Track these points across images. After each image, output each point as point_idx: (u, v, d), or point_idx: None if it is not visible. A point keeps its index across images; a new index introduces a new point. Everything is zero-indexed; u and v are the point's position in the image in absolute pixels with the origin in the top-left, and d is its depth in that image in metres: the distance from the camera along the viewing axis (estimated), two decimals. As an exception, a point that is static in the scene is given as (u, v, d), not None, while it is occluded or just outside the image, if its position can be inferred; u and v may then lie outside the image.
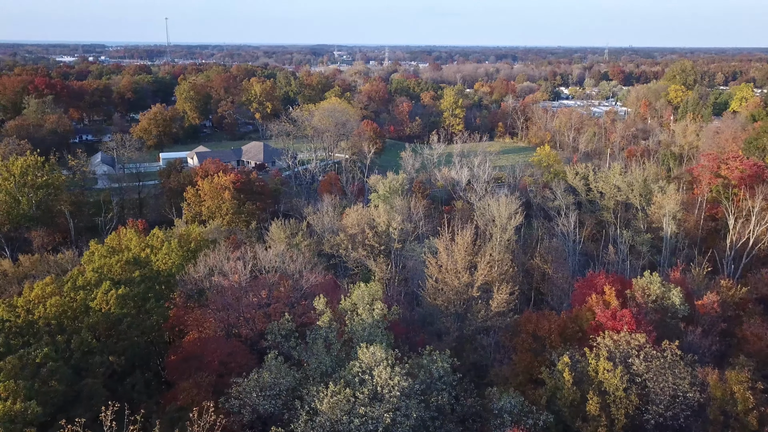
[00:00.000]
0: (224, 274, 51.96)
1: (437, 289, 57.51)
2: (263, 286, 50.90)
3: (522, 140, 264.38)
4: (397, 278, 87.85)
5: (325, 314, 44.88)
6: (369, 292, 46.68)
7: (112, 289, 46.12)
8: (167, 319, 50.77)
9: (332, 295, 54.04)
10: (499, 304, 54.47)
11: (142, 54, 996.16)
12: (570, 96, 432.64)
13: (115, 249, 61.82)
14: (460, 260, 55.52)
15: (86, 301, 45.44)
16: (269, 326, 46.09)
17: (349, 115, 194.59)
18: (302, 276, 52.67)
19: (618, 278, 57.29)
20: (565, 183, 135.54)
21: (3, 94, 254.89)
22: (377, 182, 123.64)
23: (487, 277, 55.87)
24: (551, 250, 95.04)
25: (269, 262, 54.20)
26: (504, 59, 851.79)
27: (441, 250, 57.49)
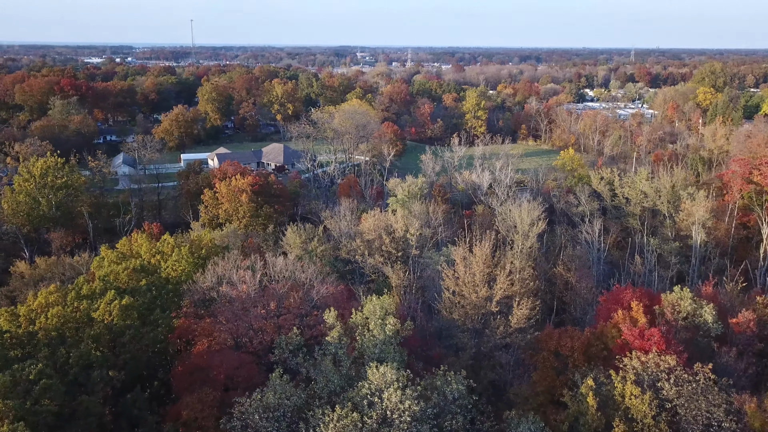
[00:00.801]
0: (232, 283, 50.29)
1: (454, 303, 55.17)
2: (272, 296, 49.11)
3: (545, 143, 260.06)
4: (415, 286, 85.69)
5: (335, 329, 42.89)
6: (381, 305, 44.55)
7: (116, 299, 44.70)
8: (173, 330, 49.28)
9: (345, 306, 52.08)
10: (519, 320, 51.90)
11: (167, 55, 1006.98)
12: (595, 98, 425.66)
13: (125, 255, 60.67)
14: (479, 273, 53.09)
15: (89, 311, 44.08)
16: (277, 340, 44.28)
17: (369, 117, 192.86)
18: (313, 287, 50.75)
19: (645, 292, 54.33)
20: (589, 188, 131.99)
21: (30, 95, 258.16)
22: (396, 186, 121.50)
23: (506, 291, 53.36)
24: (575, 258, 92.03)
25: (279, 271, 52.42)
26: (528, 60, 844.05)
27: (458, 261, 55.15)
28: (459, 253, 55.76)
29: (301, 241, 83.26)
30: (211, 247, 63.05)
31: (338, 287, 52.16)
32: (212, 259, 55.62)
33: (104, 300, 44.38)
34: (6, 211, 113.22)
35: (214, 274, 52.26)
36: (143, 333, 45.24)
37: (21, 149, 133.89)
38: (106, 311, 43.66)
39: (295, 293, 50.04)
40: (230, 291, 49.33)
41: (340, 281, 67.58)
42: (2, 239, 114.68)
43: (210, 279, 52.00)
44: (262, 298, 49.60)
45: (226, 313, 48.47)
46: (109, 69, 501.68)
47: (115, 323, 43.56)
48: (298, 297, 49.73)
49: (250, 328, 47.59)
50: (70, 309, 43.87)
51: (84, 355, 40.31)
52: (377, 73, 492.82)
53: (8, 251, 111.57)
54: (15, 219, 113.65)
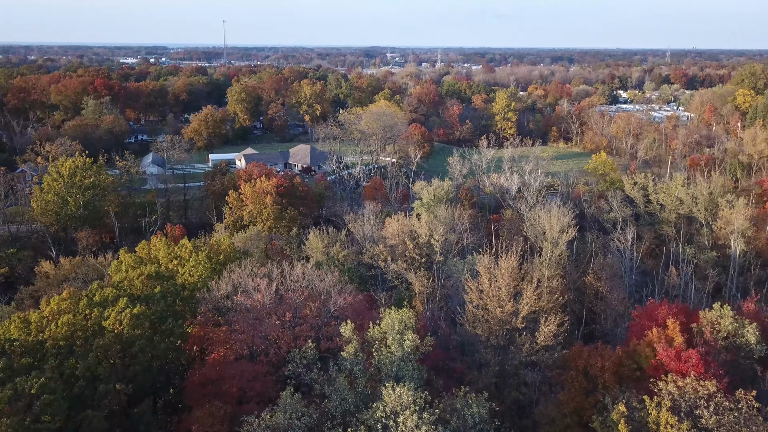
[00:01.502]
0: (248, 292, 48.81)
1: (477, 317, 52.74)
2: (289, 306, 47.51)
3: (577, 146, 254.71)
4: (439, 293, 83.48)
5: (351, 345, 41.03)
6: (400, 319, 42.55)
7: (128, 307, 43.57)
8: (186, 340, 48.02)
9: (365, 316, 50.24)
10: (546, 337, 49.25)
11: (200, 56, 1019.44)
12: (629, 100, 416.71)
13: (143, 259, 59.84)
14: (504, 286, 50.58)
15: (100, 320, 43.04)
16: (290, 354, 42.66)
17: (396, 118, 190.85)
18: (330, 297, 48.96)
19: (682, 308, 51.21)
20: (622, 193, 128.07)
21: (65, 95, 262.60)
22: (422, 189, 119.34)
23: (533, 306, 50.76)
24: (606, 267, 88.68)
25: (296, 280, 50.71)
26: (560, 61, 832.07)
27: (483, 273, 52.76)
28: (484, 265, 53.29)
29: (323, 246, 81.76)
30: (230, 253, 61.84)
31: (357, 297, 50.29)
32: (228, 266, 54.32)
33: (116, 308, 43.32)
34: (35, 210, 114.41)
35: (230, 281, 50.90)
36: (155, 343, 44.01)
37: (51, 149, 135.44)
38: (117, 320, 42.55)
39: (312, 303, 48.37)
40: (245, 300, 47.89)
41: (360, 289, 65.69)
42: (30, 238, 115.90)
43: (225, 287, 50.69)
44: (279, 307, 48.09)
45: (240, 322, 47.08)
46: (142, 69, 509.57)
47: (125, 333, 42.43)
48: (314, 307, 48.06)
49: (265, 338, 46.10)
50: (81, 317, 42.90)
51: (91, 367, 39.20)
52: (406, 73, 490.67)
53: (36, 249, 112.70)
54: (43, 218, 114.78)
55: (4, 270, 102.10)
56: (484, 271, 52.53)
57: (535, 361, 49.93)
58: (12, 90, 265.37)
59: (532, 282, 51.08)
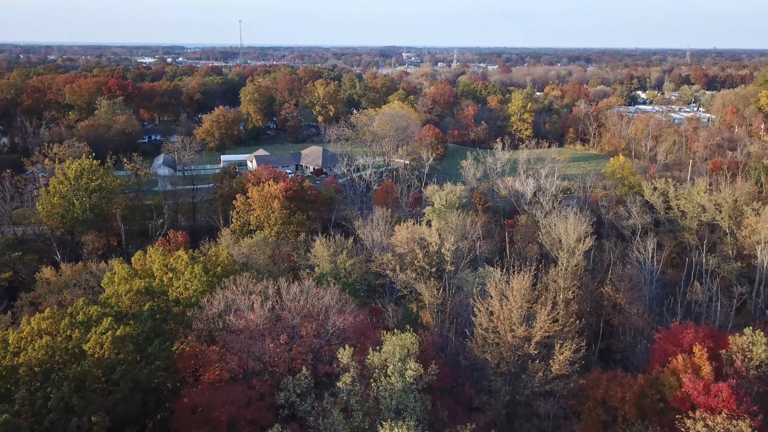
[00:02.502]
0: (241, 311, 45.94)
1: (487, 340, 49.35)
2: (284, 327, 44.57)
3: (594, 147, 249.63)
4: (450, 304, 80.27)
5: (348, 374, 38.02)
6: (402, 345, 39.49)
7: (111, 329, 40.87)
8: (174, 363, 45.14)
9: (366, 337, 47.23)
10: (561, 366, 45.81)
11: (217, 55, 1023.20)
12: (647, 101, 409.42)
13: (137, 271, 57.31)
14: (516, 309, 47.17)
15: (81, 342, 40.43)
16: (284, 381, 39.75)
17: (409, 119, 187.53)
18: (329, 317, 45.87)
19: (709, 332, 47.50)
20: (641, 199, 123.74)
21: (79, 95, 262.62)
22: (433, 193, 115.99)
23: (548, 331, 47.26)
24: (624, 278, 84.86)
25: (293, 298, 47.58)
26: (577, 61, 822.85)
27: (493, 294, 49.39)
28: (494, 285, 49.87)
29: (329, 255, 78.87)
30: (228, 265, 59.03)
31: (358, 317, 47.26)
32: (225, 280, 51.49)
33: (99, 329, 40.66)
34: (41, 213, 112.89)
35: (223, 299, 48.10)
36: (138, 368, 41.23)
37: (59, 150, 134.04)
38: (98, 343, 39.93)
39: (309, 324, 45.41)
40: (238, 321, 45.02)
41: (366, 302, 62.59)
42: (36, 241, 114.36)
43: (217, 306, 47.91)
44: (274, 327, 45.18)
45: (232, 344, 44.29)
46: (158, 69, 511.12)
47: (106, 357, 39.76)
48: (312, 328, 45.12)
49: (259, 360, 43.29)
50: (62, 338, 40.36)
51: (65, 397, 36.50)
52: (421, 73, 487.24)
53: (42, 253, 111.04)
54: (49, 221, 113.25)
55: (7, 275, 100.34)
56: (494, 292, 49.17)
57: (549, 390, 46.41)
58: (27, 90, 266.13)
59: (546, 304, 47.60)
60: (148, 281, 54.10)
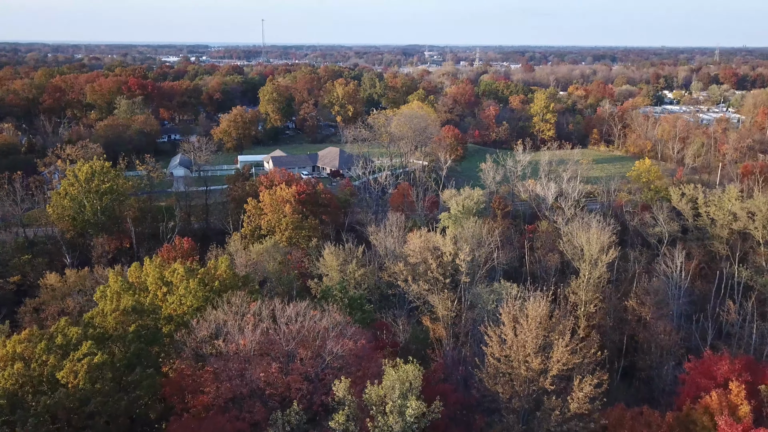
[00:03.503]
0: (231, 335, 42.74)
1: (499, 371, 45.41)
2: (278, 354, 41.31)
3: (619, 149, 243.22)
4: (465, 317, 76.66)
5: (341, 413, 34.68)
6: (403, 380, 36.05)
7: (89, 354, 37.98)
8: (158, 391, 42.08)
9: (368, 364, 43.85)
10: (580, 403, 41.77)
11: (240, 54, 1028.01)
12: (675, 101, 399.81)
13: (132, 284, 54.62)
14: (531, 340, 43.16)
15: (56, 369, 37.60)
16: (272, 416, 36.65)
17: (428, 120, 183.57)
18: (325, 345, 42.26)
19: (746, 363, 43.11)
20: (668, 205, 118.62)
21: (99, 95, 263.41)
22: (450, 198, 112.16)
23: (566, 364, 43.21)
24: (650, 291, 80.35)
25: (288, 321, 44.07)
26: (602, 60, 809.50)
27: (506, 323, 45.43)
28: (507, 312, 45.91)
29: (338, 264, 75.72)
30: (227, 279, 55.88)
31: (359, 342, 43.71)
32: (219, 298, 48.36)
33: (77, 355, 37.76)
34: (51, 215, 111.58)
35: (214, 320, 45.04)
36: (117, 399, 38.34)
37: (72, 151, 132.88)
38: (72, 372, 37.13)
39: (305, 350, 42.10)
40: (228, 345, 41.89)
41: (370, 323, 59.11)
42: (46, 244, 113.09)
43: (207, 328, 44.85)
44: (268, 353, 41.93)
45: (221, 370, 41.23)
46: (181, 68, 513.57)
47: (81, 387, 36.91)
48: (307, 354, 41.84)
49: (251, 388, 40.15)
50: (36, 364, 37.65)
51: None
52: (443, 72, 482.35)
53: (52, 256, 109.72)
54: (60, 223, 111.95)
55: (15, 278, 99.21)
56: (507, 318, 45.29)
57: (566, 430, 42.34)
58: (48, 89, 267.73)
59: (564, 334, 43.51)
60: (138, 297, 51.27)
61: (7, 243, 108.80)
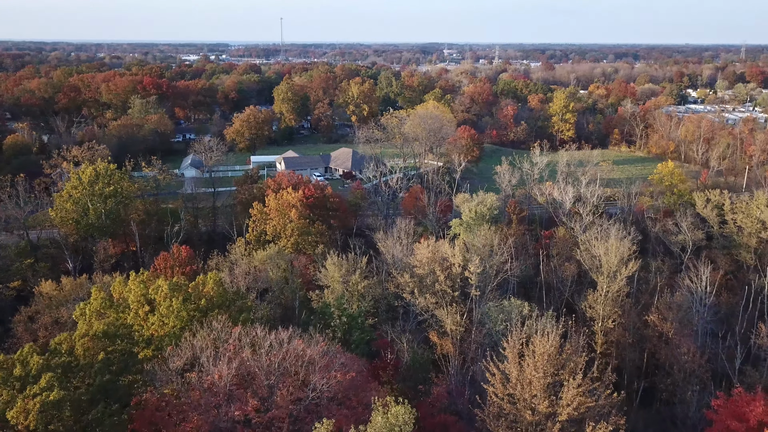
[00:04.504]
0: (204, 368, 39.08)
1: (503, 410, 41.09)
2: (258, 388, 37.55)
3: (640, 150, 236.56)
4: (474, 332, 72.54)
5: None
6: (392, 424, 32.21)
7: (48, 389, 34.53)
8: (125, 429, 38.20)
9: (363, 390, 40.10)
10: (593, 458, 37.09)
11: (259, 53, 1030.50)
12: (699, 100, 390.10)
13: (114, 301, 51.40)
14: (538, 380, 38.79)
15: (6, 408, 34.21)
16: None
17: (443, 121, 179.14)
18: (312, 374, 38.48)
19: (782, 401, 38.70)
20: (692, 211, 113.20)
21: (115, 94, 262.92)
22: (463, 203, 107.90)
23: (578, 408, 38.67)
24: (673, 306, 75.51)
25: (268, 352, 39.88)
26: (624, 58, 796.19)
27: (511, 358, 41.11)
28: (512, 346, 41.47)
29: (340, 275, 72.08)
30: (216, 297, 52.11)
31: (347, 375, 39.61)
32: (195, 324, 44.62)
33: (33, 390, 34.37)
34: (55, 218, 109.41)
35: (189, 349, 41.44)
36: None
37: (78, 153, 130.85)
38: (23, 411, 33.78)
39: (284, 388, 38.21)
40: (203, 378, 38.30)
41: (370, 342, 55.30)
42: (50, 247, 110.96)
43: (181, 357, 41.23)
44: (247, 387, 38.23)
45: (194, 406, 37.67)
46: (199, 67, 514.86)
47: (32, 430, 33.46)
48: (289, 390, 38.01)
49: (225, 426, 36.57)
50: (-14, 401, 34.36)
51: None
52: (461, 71, 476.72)
53: (55, 260, 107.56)
54: (63, 227, 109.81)
55: (16, 283, 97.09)
56: (512, 355, 40.97)
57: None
58: (64, 89, 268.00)
59: (576, 373, 38.91)
60: (120, 316, 47.87)
61: (10, 247, 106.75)
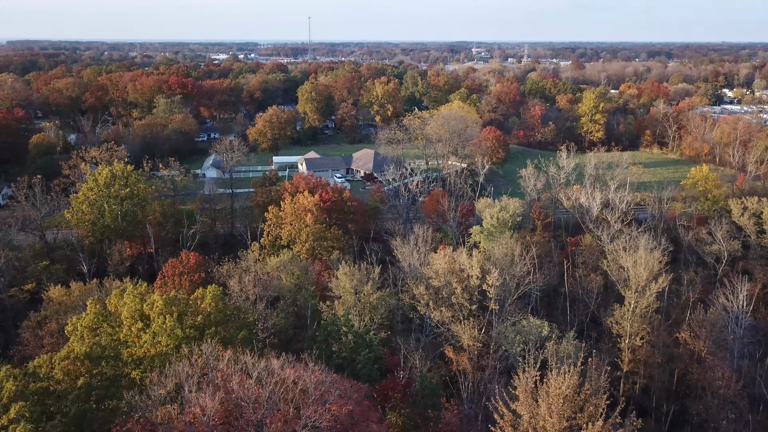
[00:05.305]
0: (186, 401, 36.14)
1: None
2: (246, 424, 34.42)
3: (673, 152, 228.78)
4: (493, 347, 68.94)
5: None
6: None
7: (16, 421, 32.01)
8: None
9: (366, 420, 36.89)
10: None
11: (288, 52, 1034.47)
12: (735, 100, 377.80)
13: (108, 315, 49.02)
14: (552, 426, 34.70)
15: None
16: None
17: (467, 121, 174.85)
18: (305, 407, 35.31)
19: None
20: (728, 220, 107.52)
21: (141, 93, 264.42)
22: (485, 208, 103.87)
23: None
24: (706, 323, 70.79)
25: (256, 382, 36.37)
26: (657, 57, 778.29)
27: (522, 398, 37.34)
28: (524, 385, 37.59)
29: (351, 286, 69.04)
30: (214, 314, 49.03)
31: (345, 406, 36.36)
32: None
33: (1, 422, 31.94)
34: (71, 220, 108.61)
35: (173, 377, 38.50)
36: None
37: (96, 154, 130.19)
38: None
39: (277, 421, 35.14)
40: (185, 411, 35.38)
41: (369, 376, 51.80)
42: (65, 249, 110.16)
43: (164, 386, 38.26)
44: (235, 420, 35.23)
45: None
46: (226, 66, 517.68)
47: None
48: (279, 426, 34.79)
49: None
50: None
51: None
52: (489, 70, 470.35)
53: (72, 262, 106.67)
54: (79, 229, 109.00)
55: (30, 286, 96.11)
56: (523, 395, 37.17)
57: None
58: (91, 88, 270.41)
59: (595, 418, 34.73)
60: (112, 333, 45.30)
61: (25, 248, 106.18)
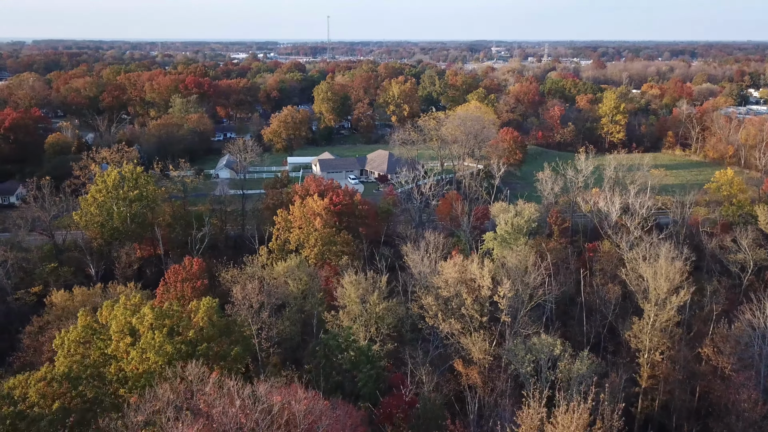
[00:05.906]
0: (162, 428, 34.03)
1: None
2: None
3: (696, 154, 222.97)
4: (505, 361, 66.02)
5: None
6: None
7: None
8: None
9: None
10: None
11: (307, 51, 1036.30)
12: (762, 100, 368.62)
13: (97, 328, 47.15)
14: None
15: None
16: None
17: (484, 122, 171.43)
18: None
19: None
20: (753, 225, 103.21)
21: (158, 93, 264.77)
22: (500, 212, 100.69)
23: None
24: (730, 338, 67.21)
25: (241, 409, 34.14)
26: (680, 56, 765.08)
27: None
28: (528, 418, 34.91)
29: (357, 295, 66.63)
30: (208, 328, 46.78)
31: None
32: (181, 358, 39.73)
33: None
34: (79, 222, 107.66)
35: (152, 402, 36.39)
36: None
37: (107, 155, 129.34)
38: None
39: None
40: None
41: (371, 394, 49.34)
42: (74, 251, 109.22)
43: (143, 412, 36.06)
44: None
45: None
46: (245, 65, 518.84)
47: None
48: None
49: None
50: None
51: None
52: (508, 69, 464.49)
53: (80, 264, 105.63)
54: (88, 230, 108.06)
55: (36, 288, 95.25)
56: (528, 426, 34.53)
57: None
58: (108, 88, 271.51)
59: None
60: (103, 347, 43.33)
61: (34, 250, 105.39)
